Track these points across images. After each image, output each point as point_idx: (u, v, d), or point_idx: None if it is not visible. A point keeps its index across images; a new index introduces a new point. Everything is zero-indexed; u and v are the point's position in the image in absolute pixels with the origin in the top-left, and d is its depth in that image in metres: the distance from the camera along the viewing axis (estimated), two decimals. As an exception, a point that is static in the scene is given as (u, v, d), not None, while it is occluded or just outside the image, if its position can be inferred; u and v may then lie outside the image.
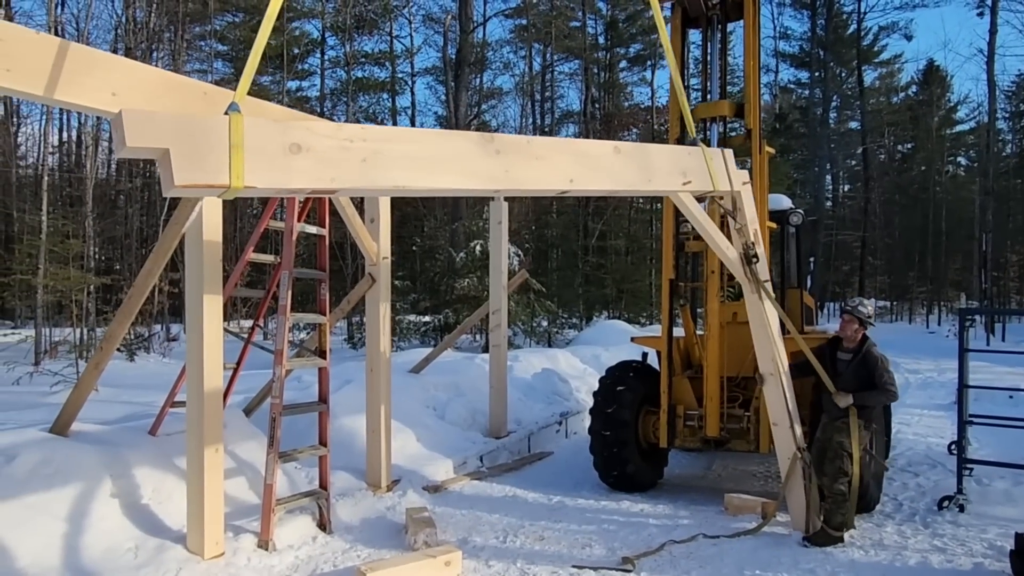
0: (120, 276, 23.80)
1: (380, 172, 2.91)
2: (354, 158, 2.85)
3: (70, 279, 13.36)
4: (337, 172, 2.80)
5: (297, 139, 2.71)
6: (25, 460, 4.64)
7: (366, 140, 2.91)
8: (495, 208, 9.19)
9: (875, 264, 45.11)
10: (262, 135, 2.63)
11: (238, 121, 2.56)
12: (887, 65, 47.03)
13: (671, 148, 4.72)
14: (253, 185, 2.57)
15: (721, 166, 4.98)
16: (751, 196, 5.38)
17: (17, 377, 10.98)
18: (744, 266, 5.28)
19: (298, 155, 2.71)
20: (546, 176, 3.60)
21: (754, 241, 5.30)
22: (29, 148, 36.06)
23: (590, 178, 3.85)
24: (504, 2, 39.67)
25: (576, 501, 6.59)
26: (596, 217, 27.22)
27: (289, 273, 5.19)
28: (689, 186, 4.58)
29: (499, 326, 8.96)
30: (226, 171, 2.53)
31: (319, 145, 2.77)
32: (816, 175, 39.14)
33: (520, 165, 3.47)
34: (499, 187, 3.40)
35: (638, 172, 4.18)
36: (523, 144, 3.57)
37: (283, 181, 2.66)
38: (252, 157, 2.58)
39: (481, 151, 3.31)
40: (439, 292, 20.02)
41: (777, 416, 5.50)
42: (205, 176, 2.48)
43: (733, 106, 6.94)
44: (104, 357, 5.26)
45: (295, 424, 6.39)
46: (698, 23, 7.16)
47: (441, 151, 3.17)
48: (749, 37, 6.80)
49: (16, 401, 8.69)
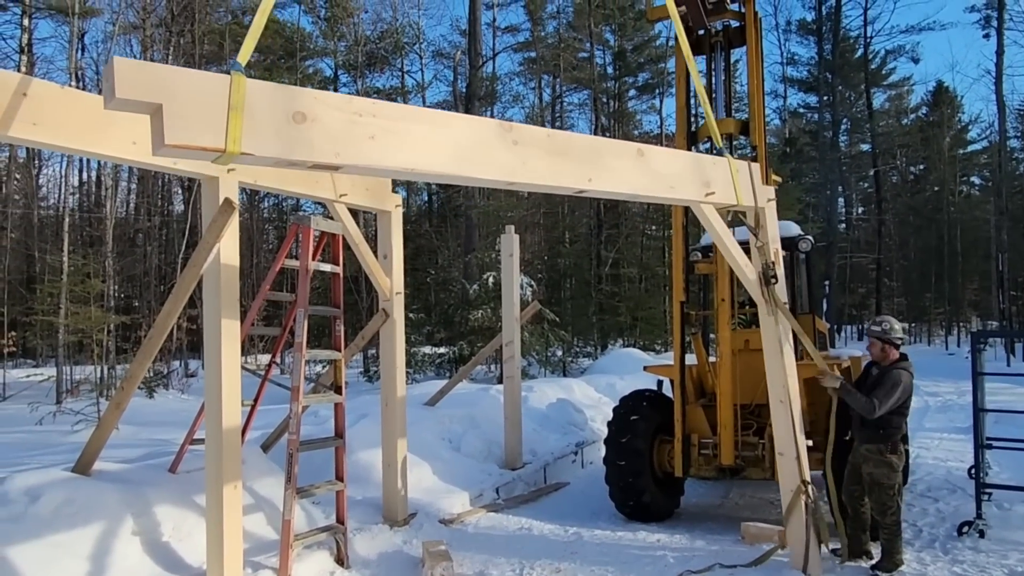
0: (139, 314, 24.08)
1: (390, 152, 2.74)
2: (362, 134, 2.66)
3: (92, 319, 13.57)
4: (343, 147, 2.61)
5: (303, 107, 2.51)
6: (49, 500, 4.73)
7: (376, 116, 2.72)
8: (506, 240, 9.30)
9: (891, 286, 44.85)
10: (265, 99, 2.44)
11: (240, 81, 2.35)
12: (896, 87, 47.20)
13: (697, 156, 4.54)
14: (251, 152, 2.37)
15: (747, 180, 4.81)
16: (775, 214, 5.22)
17: (40, 417, 11.14)
18: (762, 286, 5.12)
19: (302, 124, 2.50)
20: (564, 173, 3.44)
21: (774, 261, 5.13)
22: (50, 189, 36.75)
23: (609, 180, 3.68)
24: (513, 36, 40.36)
25: (593, 532, 6.58)
26: (609, 245, 27.32)
27: (304, 311, 5.29)
28: (712, 197, 4.40)
29: (512, 357, 9.02)
30: (222, 134, 2.32)
31: (326, 116, 2.58)
32: (828, 198, 39.11)
33: (538, 159, 3.30)
34: (515, 180, 3.23)
35: (660, 178, 4.04)
36: (542, 137, 3.39)
37: (284, 151, 2.46)
38: (252, 122, 2.38)
39: (499, 140, 3.15)
40: (453, 324, 20.11)
41: (783, 445, 5.29)
42: (199, 137, 2.28)
43: (738, 123, 7.04)
44: (125, 397, 5.37)
45: (312, 459, 6.45)
46: (702, 49, 7.29)
47: (457, 136, 2.99)
48: (752, 56, 6.89)
49: (39, 440, 8.83)
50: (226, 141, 2.32)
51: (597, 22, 33.40)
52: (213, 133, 2.31)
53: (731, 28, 7.15)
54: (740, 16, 7.03)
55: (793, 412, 5.23)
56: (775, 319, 5.17)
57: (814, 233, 33.40)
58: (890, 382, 5.32)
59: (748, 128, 6.92)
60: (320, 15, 33.50)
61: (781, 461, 5.30)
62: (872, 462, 5.36)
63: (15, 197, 31.54)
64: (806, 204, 35.44)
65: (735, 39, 7.17)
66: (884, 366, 5.52)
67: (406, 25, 33.33)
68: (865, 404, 5.27)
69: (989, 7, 34.49)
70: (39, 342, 25.65)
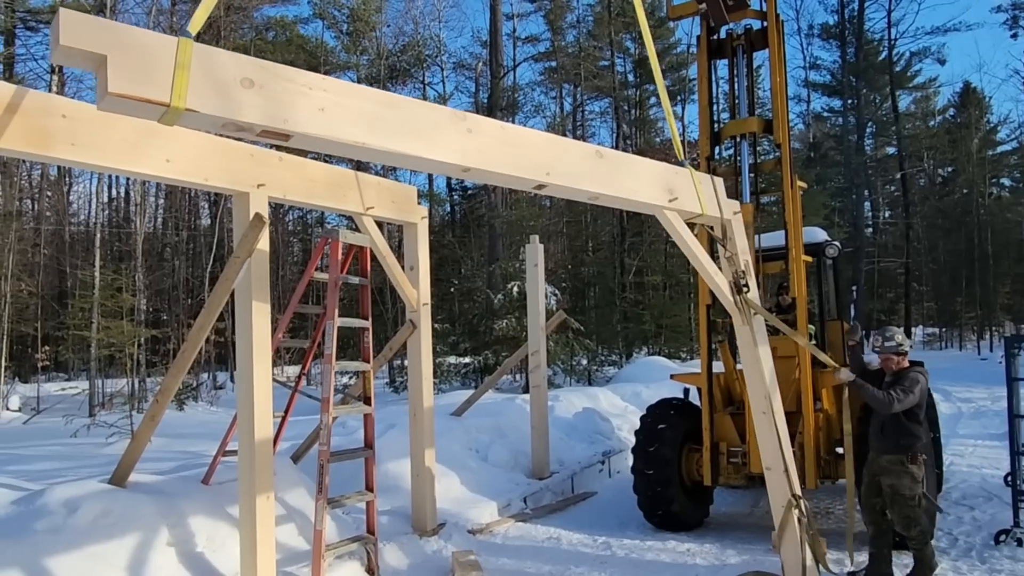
0: (168, 327, 24.44)
1: (339, 125, 2.79)
2: (311, 105, 2.73)
3: (123, 333, 13.82)
4: (291, 115, 2.66)
5: (251, 74, 2.58)
6: (87, 511, 4.82)
7: (327, 91, 2.80)
8: (531, 250, 9.33)
9: (921, 290, 44.18)
10: (212, 62, 2.50)
11: (187, 44, 2.41)
12: (922, 89, 46.62)
13: (658, 164, 4.53)
14: (196, 109, 2.40)
15: (710, 191, 4.85)
16: (742, 227, 5.19)
17: (75, 429, 11.36)
18: (734, 295, 5.01)
19: (250, 90, 2.56)
20: (521, 164, 3.48)
21: (744, 271, 5.04)
22: (80, 206, 37.47)
23: (569, 176, 3.72)
24: (533, 46, 40.50)
25: (622, 541, 6.56)
26: (632, 253, 27.25)
27: (333, 323, 5.35)
28: (675, 203, 4.44)
29: (539, 367, 9.04)
30: (168, 89, 2.35)
31: (274, 85, 2.64)
32: (854, 203, 38.69)
33: (493, 148, 3.36)
34: (469, 164, 3.26)
35: (622, 180, 4.07)
36: (497, 129, 3.46)
37: (231, 112, 2.51)
38: (199, 81, 2.43)
39: (452, 127, 3.21)
40: (478, 333, 20.16)
41: (770, 459, 5.01)
42: (144, 89, 2.30)
43: (762, 122, 7.00)
44: (159, 410, 5.46)
45: (342, 470, 6.51)
46: (724, 53, 7.29)
47: (409, 117, 3.05)
48: (774, 54, 6.85)
49: (75, 453, 8.99)
50: (171, 96, 2.35)
51: (617, 30, 33.46)
52: (159, 87, 2.33)
53: (753, 31, 7.14)
54: (762, 15, 7.02)
55: (778, 424, 4.99)
56: (750, 329, 4.99)
57: (840, 238, 33.07)
58: (907, 380, 5.19)
59: (771, 127, 6.89)
60: (342, 30, 33.91)
61: (769, 476, 5.03)
62: (893, 473, 5.19)
63: (47, 214, 32.21)
64: (832, 209, 35.11)
65: (757, 42, 7.16)
66: (897, 371, 5.39)
67: (427, 38, 33.61)
68: (883, 398, 5.10)
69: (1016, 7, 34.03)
70: (71, 356, 26.14)
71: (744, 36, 7.16)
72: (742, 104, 7.17)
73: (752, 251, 6.72)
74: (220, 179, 4.62)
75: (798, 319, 6.61)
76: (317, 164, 5.64)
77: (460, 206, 35.73)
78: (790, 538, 4.96)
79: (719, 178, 5.06)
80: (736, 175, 7.00)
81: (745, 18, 7.12)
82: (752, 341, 5.01)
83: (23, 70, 30.20)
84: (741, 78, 7.19)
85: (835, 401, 6.89)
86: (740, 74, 7.21)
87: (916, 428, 5.22)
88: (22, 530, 4.58)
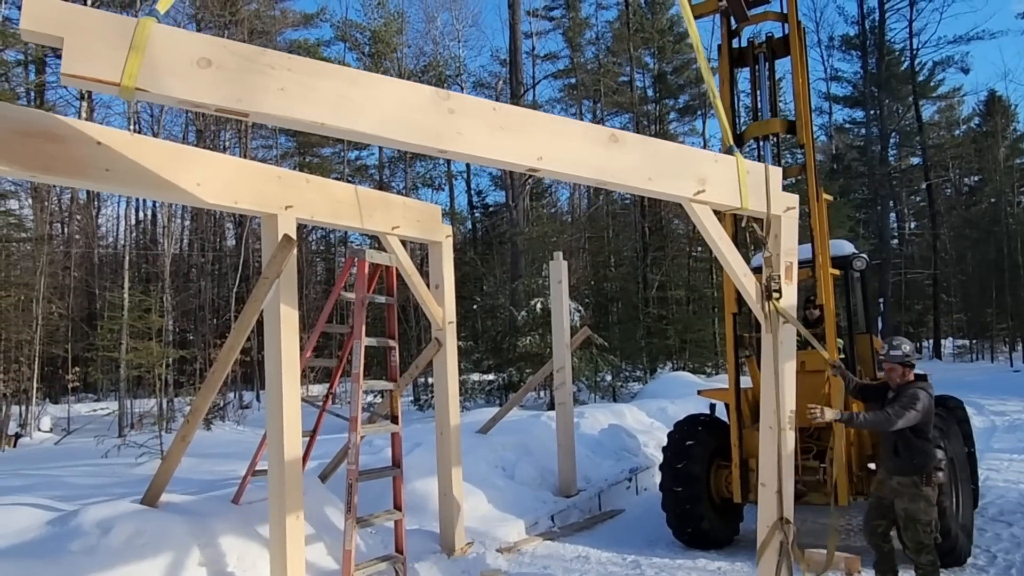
0: (195, 347, 24.71)
1: (298, 104, 2.79)
2: (271, 85, 2.74)
3: (152, 353, 14.00)
4: (248, 95, 2.70)
5: (208, 54, 2.63)
6: (120, 531, 4.87)
7: (292, 71, 2.80)
8: (555, 267, 9.34)
9: (950, 302, 43.49)
10: (168, 42, 2.56)
11: (145, 24, 2.49)
12: (946, 99, 46.14)
13: (690, 150, 4.29)
14: (146, 89, 2.49)
15: (760, 183, 4.44)
16: (794, 225, 4.76)
17: (105, 450, 11.50)
18: (763, 300, 4.64)
19: (207, 70, 2.61)
20: (506, 148, 3.34)
21: (779, 275, 4.61)
22: (109, 229, 38.15)
23: (566, 162, 3.56)
24: (552, 64, 40.74)
25: (651, 560, 6.50)
26: (655, 268, 27.15)
27: (360, 342, 5.39)
28: (703, 195, 4.08)
29: (564, 384, 9.01)
30: (119, 70, 2.44)
31: (232, 64, 2.67)
32: (879, 214, 38.27)
33: (477, 131, 3.24)
34: (445, 147, 3.18)
35: (636, 167, 3.81)
36: (487, 110, 3.34)
37: (185, 92, 2.58)
38: (152, 62, 2.50)
39: (432, 106, 3.12)
40: (502, 351, 20.15)
41: (766, 477, 4.72)
42: (95, 70, 2.42)
43: (785, 123, 6.97)
44: (190, 430, 5.52)
45: (370, 488, 6.52)
46: (745, 61, 7.28)
47: (380, 97, 2.99)
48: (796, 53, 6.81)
49: (106, 472, 9.10)
50: (122, 76, 2.45)
51: (636, 46, 33.54)
52: (111, 68, 2.44)
53: (774, 39, 7.12)
54: (782, 17, 7.00)
55: (783, 443, 4.66)
56: (775, 338, 4.65)
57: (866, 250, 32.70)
58: (907, 397, 4.96)
59: (794, 128, 6.86)
60: (364, 51, 34.32)
61: (762, 492, 4.76)
62: (907, 496, 4.98)
63: (76, 237, 32.80)
64: (856, 220, 34.76)
65: (779, 50, 7.14)
66: (901, 384, 5.15)
67: (448, 58, 33.92)
68: (879, 418, 4.91)
69: (1041, 14, 33.57)
70: (100, 377, 26.48)
71: (765, 44, 7.15)
72: (764, 105, 7.13)
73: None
74: (249, 201, 4.70)
75: (827, 333, 6.54)
76: (343, 185, 5.71)
77: (482, 223, 35.87)
78: (768, 559, 4.72)
79: (777, 169, 4.65)
80: None
81: (766, 20, 7.12)
82: (775, 352, 4.67)
83: (53, 96, 30.93)
84: (763, 83, 7.16)
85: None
86: (762, 80, 7.19)
87: (926, 446, 4.99)
88: (57, 550, 4.64)
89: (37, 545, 4.71)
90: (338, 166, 36.10)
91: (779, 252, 4.60)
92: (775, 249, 4.61)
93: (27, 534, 4.88)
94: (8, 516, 5.12)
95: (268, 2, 33.91)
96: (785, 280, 4.61)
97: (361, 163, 38.28)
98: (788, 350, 4.73)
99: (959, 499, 6.17)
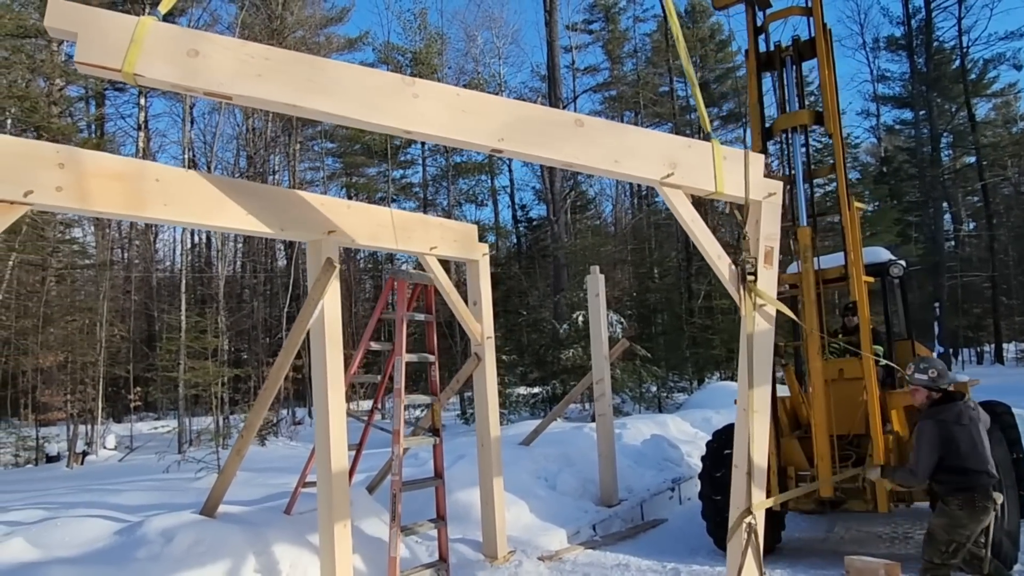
0: (248, 366, 25.45)
1: (274, 88, 3.24)
2: (249, 72, 3.19)
3: (209, 373, 14.58)
4: (230, 80, 3.15)
5: (197, 46, 3.11)
6: (181, 540, 5.20)
7: (268, 59, 3.25)
8: (592, 281, 9.50)
9: (1011, 304, 42.06)
10: (163, 36, 3.04)
11: (144, 23, 3.00)
12: (1001, 95, 44.78)
13: (659, 134, 4.40)
14: (142, 74, 2.98)
15: (737, 168, 4.52)
16: (776, 211, 4.76)
17: (167, 465, 12.03)
18: (738, 282, 4.67)
19: (195, 59, 3.09)
20: (469, 130, 3.68)
21: (756, 258, 4.65)
22: (166, 253, 39.54)
23: (528, 143, 3.83)
24: (592, 77, 40.96)
25: (691, 568, 6.57)
26: (700, 277, 27.00)
27: (402, 359, 5.65)
28: (672, 179, 4.22)
29: (603, 395, 9.15)
30: (121, 59, 2.93)
31: (217, 55, 3.14)
32: (932, 216, 37.34)
33: (440, 114, 3.59)
34: (411, 128, 3.53)
35: (602, 151, 4.01)
36: (450, 95, 3.69)
37: (177, 77, 3.06)
38: (149, 53, 2.98)
39: (395, 92, 3.50)
40: (546, 363, 20.31)
41: (738, 458, 4.73)
42: (101, 59, 2.92)
43: (813, 114, 6.97)
44: (244, 445, 5.84)
45: (415, 499, 6.77)
46: (773, 65, 7.34)
47: (346, 81, 3.40)
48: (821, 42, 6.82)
49: (167, 487, 9.54)
50: (124, 64, 2.94)
51: (676, 56, 33.53)
52: (114, 58, 2.94)
53: (801, 41, 7.17)
54: (807, 11, 7.04)
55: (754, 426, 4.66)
56: (751, 320, 4.65)
57: (918, 254, 31.98)
58: (915, 437, 4.84)
59: (822, 119, 6.88)
60: (406, 73, 35.05)
61: (735, 473, 4.75)
62: (936, 512, 4.87)
63: (135, 262, 34.10)
64: (908, 224, 34.01)
65: (805, 52, 7.18)
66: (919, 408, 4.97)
67: (488, 76, 34.44)
68: (905, 474, 4.93)
69: (1096, 5, 32.52)
70: (160, 396, 27.45)
71: (792, 47, 7.21)
72: (791, 96, 7.15)
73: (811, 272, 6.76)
74: (294, 228, 5.01)
75: (862, 340, 6.56)
76: (382, 209, 6.00)
77: (526, 237, 36.18)
78: (735, 543, 4.73)
79: (759, 155, 4.74)
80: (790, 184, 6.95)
81: (791, 15, 7.19)
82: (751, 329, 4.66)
83: (112, 128, 32.33)
84: (790, 80, 7.20)
85: (908, 423, 6.78)
86: (789, 81, 7.24)
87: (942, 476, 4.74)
88: (124, 558, 4.98)
89: (107, 553, 5.07)
90: (383, 185, 36.85)
91: (758, 237, 4.67)
92: (754, 234, 4.69)
93: (97, 543, 5.25)
94: (80, 527, 5.50)
95: (313, 29, 34.95)
96: (764, 264, 4.65)
97: (406, 181, 39.00)
98: (764, 334, 4.74)
99: (1005, 506, 6.11)
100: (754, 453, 4.65)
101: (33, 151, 3.73)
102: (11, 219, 3.61)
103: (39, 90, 21.79)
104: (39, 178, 3.66)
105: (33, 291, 21.49)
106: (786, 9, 7.29)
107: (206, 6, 30.24)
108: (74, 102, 28.46)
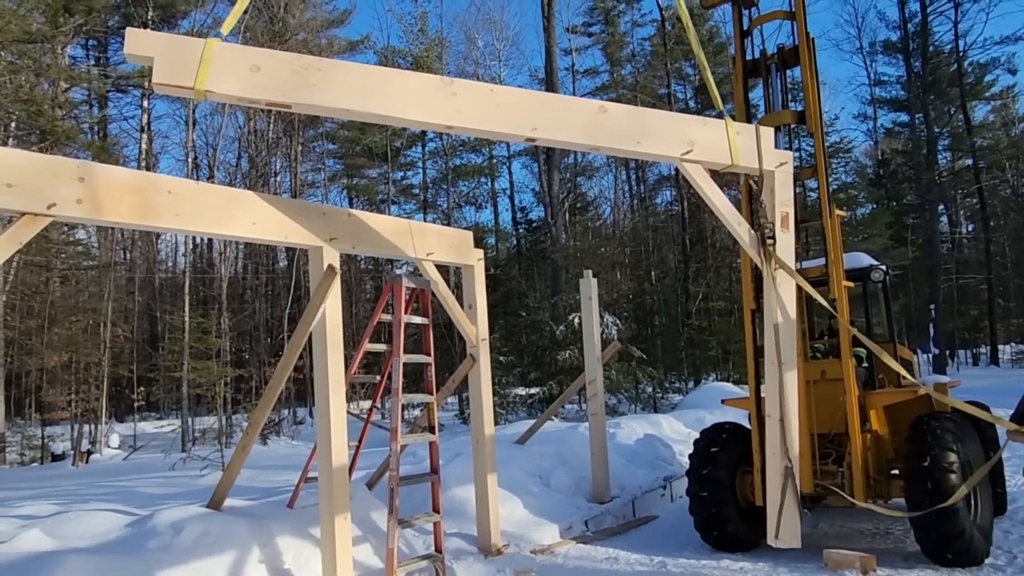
0: (250, 366, 25.72)
1: (328, 96, 3.56)
2: (305, 82, 3.50)
3: (212, 372, 14.85)
4: (288, 90, 3.47)
5: (259, 62, 3.43)
6: (190, 532, 5.48)
7: (321, 70, 3.57)
8: (584, 284, 9.76)
9: (1007, 307, 42.32)
10: (229, 56, 3.36)
11: (211, 44, 3.30)
12: (999, 98, 44.99)
13: (676, 115, 4.70)
14: (212, 91, 3.28)
15: (750, 142, 4.79)
16: (788, 179, 5.00)
17: (172, 463, 12.32)
18: (759, 247, 4.90)
19: (257, 74, 3.39)
20: (504, 121, 4.00)
21: (773, 223, 4.87)
22: (168, 254, 39.82)
23: (558, 131, 4.14)
24: (592, 80, 41.26)
25: (677, 561, 6.84)
26: (698, 280, 27.27)
27: (399, 360, 5.91)
28: (691, 155, 4.49)
29: (596, 395, 9.41)
30: (192, 78, 3.24)
31: (276, 68, 3.46)
32: (928, 219, 37.59)
33: (477, 109, 3.91)
34: (452, 123, 3.87)
35: (624, 133, 4.31)
36: (485, 92, 4.00)
37: (242, 91, 3.38)
38: (217, 71, 3.29)
39: (436, 91, 3.84)
40: (543, 364, 20.59)
41: (771, 408, 4.84)
42: (175, 79, 3.23)
43: (795, 114, 7.19)
44: (249, 441, 6.12)
45: (412, 495, 7.04)
46: (758, 72, 7.59)
47: (393, 86, 3.73)
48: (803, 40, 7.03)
49: (174, 483, 9.83)
50: (195, 82, 3.26)
51: (675, 58, 33.81)
52: (186, 77, 3.27)
53: (785, 49, 7.41)
54: (790, 15, 7.28)
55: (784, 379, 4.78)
56: (773, 283, 4.85)
57: (914, 256, 32.22)
58: None
59: (804, 118, 7.12)
60: (407, 76, 35.28)
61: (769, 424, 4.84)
62: None
63: (138, 263, 34.40)
64: (904, 226, 34.27)
65: (790, 60, 7.43)
66: None
67: (488, 79, 34.70)
68: None
69: (1091, 9, 32.73)
70: (163, 395, 27.73)
71: (777, 55, 7.45)
72: (776, 98, 7.37)
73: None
74: (298, 236, 5.28)
75: (841, 343, 6.81)
76: (381, 217, 6.28)
77: (525, 239, 36.48)
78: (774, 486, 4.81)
79: (769, 128, 5.00)
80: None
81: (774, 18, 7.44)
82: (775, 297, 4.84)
83: (116, 130, 32.63)
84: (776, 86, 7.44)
85: (889, 421, 7.05)
86: (775, 87, 7.48)
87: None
88: (136, 548, 5.26)
89: (119, 544, 5.35)
90: (383, 187, 37.15)
91: (774, 204, 4.94)
92: (770, 201, 4.96)
93: (109, 535, 5.53)
94: (92, 520, 5.79)
95: (315, 32, 35.24)
96: (781, 228, 4.92)
97: (407, 183, 39.29)
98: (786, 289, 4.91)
99: (976, 501, 6.36)
100: (785, 402, 4.81)
101: (55, 166, 4.00)
102: (35, 230, 3.89)
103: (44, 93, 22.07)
104: (60, 192, 3.93)
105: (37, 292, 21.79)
106: (770, 13, 7.53)
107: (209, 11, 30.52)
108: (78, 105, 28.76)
